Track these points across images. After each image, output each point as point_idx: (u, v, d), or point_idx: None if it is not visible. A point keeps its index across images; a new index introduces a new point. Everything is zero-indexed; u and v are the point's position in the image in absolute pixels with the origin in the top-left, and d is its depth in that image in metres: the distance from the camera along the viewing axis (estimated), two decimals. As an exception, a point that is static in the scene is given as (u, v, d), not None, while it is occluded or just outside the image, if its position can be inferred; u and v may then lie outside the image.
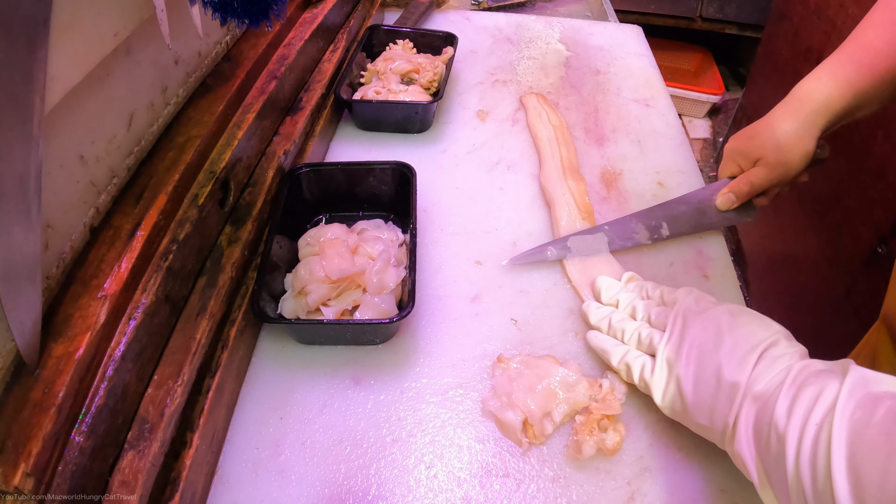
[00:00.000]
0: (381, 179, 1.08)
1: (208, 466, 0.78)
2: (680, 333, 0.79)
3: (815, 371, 0.65)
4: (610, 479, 0.79)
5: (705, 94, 3.45)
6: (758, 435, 0.66)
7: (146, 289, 0.74)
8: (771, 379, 0.67)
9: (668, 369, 0.79)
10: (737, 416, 0.69)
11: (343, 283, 0.91)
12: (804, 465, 0.57)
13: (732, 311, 0.78)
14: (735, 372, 0.70)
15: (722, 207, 1.07)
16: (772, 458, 0.62)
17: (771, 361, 0.69)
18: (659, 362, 0.79)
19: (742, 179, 1.04)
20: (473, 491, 0.78)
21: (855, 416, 0.56)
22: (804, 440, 0.58)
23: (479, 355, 0.92)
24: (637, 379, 0.83)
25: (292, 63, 1.17)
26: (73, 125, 0.72)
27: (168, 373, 0.75)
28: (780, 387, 0.65)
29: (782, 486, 0.61)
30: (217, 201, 0.90)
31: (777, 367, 0.68)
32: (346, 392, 0.88)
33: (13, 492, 0.56)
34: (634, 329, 0.86)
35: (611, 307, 0.93)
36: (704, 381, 0.73)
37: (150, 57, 0.87)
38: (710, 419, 0.73)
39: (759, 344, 0.71)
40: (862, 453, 0.53)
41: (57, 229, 0.70)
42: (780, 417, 0.62)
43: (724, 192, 1.06)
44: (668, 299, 0.87)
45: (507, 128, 1.36)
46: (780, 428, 0.61)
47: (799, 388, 0.63)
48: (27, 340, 0.60)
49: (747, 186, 1.03)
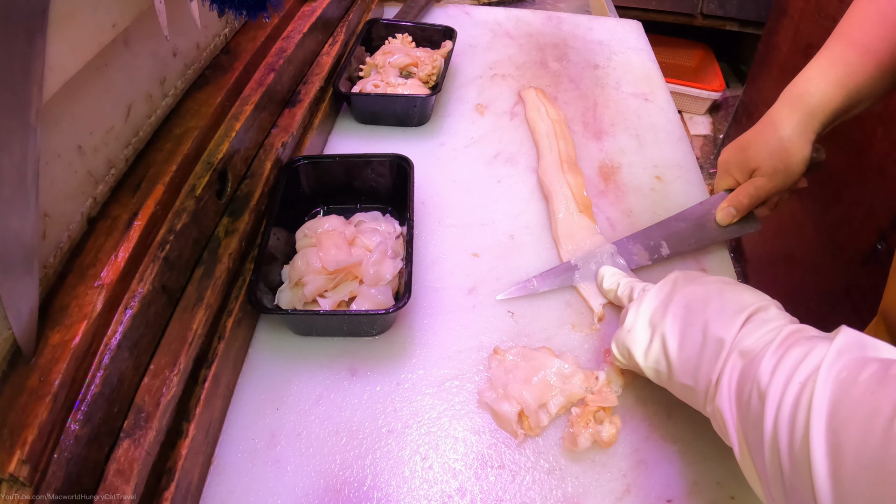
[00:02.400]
0: (379, 172, 1.08)
1: (204, 456, 0.79)
2: (668, 295, 0.78)
3: (807, 336, 0.63)
4: (605, 471, 0.80)
5: (706, 90, 3.45)
6: (740, 392, 0.64)
7: (143, 278, 0.74)
8: (760, 337, 0.66)
9: (650, 329, 0.77)
10: (721, 371, 0.67)
11: (340, 274, 0.91)
12: (782, 425, 0.55)
13: (724, 280, 0.78)
14: (722, 328, 0.69)
15: (723, 223, 1.04)
16: (751, 417, 0.60)
17: (760, 323, 0.68)
18: (641, 320, 0.79)
19: (741, 192, 1.01)
20: (469, 482, 0.78)
21: (840, 376, 0.54)
22: (785, 399, 0.56)
23: (476, 347, 0.92)
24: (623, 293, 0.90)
25: (291, 56, 1.17)
26: (71, 115, 0.72)
27: (164, 362, 0.75)
28: (769, 346, 0.63)
29: (759, 446, 0.59)
30: (214, 192, 0.90)
31: (766, 327, 0.67)
32: (343, 383, 0.88)
33: (8, 479, 0.56)
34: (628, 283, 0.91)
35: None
36: (690, 337, 0.72)
37: (148, 48, 0.87)
38: (694, 378, 0.71)
39: (748, 306, 0.70)
40: (844, 413, 0.51)
41: (54, 219, 0.70)
42: (764, 375, 0.60)
43: (724, 207, 1.03)
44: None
45: (505, 121, 1.36)
46: (762, 385, 0.59)
47: (788, 347, 0.61)
48: (24, 328, 0.61)
49: (747, 199, 1.00)
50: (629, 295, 0.90)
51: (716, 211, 1.04)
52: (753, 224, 1.04)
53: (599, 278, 0.98)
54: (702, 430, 0.82)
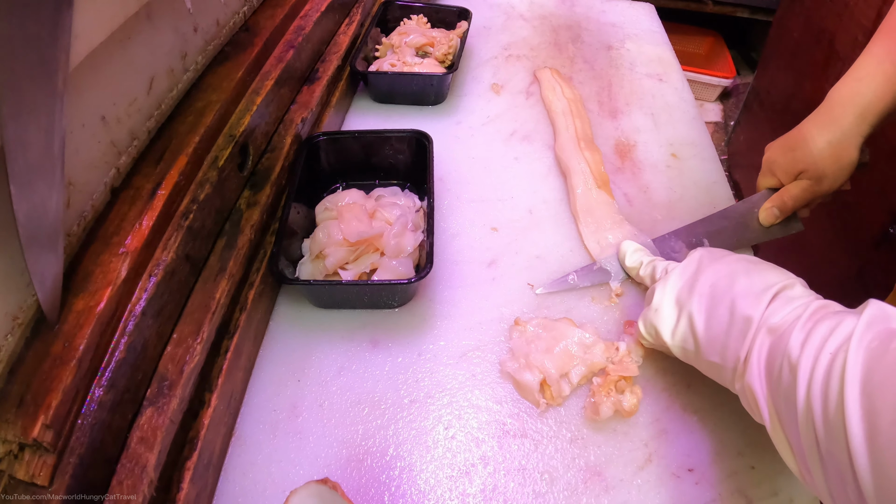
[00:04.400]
0: (398, 148, 1.08)
1: (226, 427, 0.79)
2: (694, 274, 0.79)
3: (835, 310, 0.63)
4: (627, 440, 0.80)
5: (716, 77, 3.43)
6: (770, 368, 0.64)
7: (167, 247, 0.75)
8: (787, 314, 0.66)
9: (677, 308, 0.78)
10: (749, 349, 0.67)
11: (361, 245, 0.91)
12: (815, 394, 0.55)
13: (749, 259, 0.78)
14: (749, 307, 0.69)
15: (765, 223, 1.00)
16: (783, 390, 0.61)
17: (786, 300, 0.68)
18: (668, 300, 0.79)
19: (785, 193, 0.97)
20: (491, 451, 0.79)
21: (871, 345, 0.54)
22: (817, 369, 0.56)
23: (497, 318, 0.93)
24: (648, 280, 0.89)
25: (309, 34, 1.17)
26: (96, 86, 0.72)
27: (188, 331, 0.75)
28: (797, 321, 0.63)
29: (792, 420, 0.59)
30: (236, 165, 0.91)
31: (793, 304, 0.67)
32: (364, 354, 0.88)
33: (32, 444, 0.56)
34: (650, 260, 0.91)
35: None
36: (717, 316, 0.72)
37: (170, 23, 0.87)
38: (721, 355, 0.71)
39: (774, 284, 0.70)
40: (877, 380, 0.51)
41: (78, 187, 0.70)
42: (794, 348, 0.60)
43: (767, 207, 0.99)
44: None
45: (521, 100, 1.36)
46: (792, 358, 0.60)
47: (816, 322, 0.61)
48: (48, 295, 0.61)
49: (791, 201, 0.96)
50: (652, 275, 0.90)
51: (758, 211, 1.01)
52: (796, 225, 1.01)
53: (621, 254, 0.98)
54: (722, 400, 0.83)
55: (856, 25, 1.85)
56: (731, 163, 2.90)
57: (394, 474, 0.77)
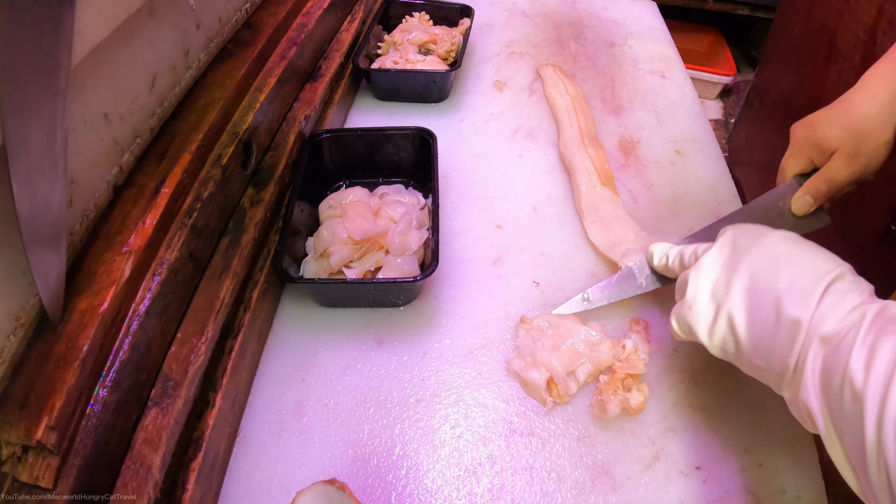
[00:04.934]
0: (401, 145, 1.08)
1: (231, 427, 0.79)
2: (729, 260, 0.71)
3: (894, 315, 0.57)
4: (634, 438, 0.80)
5: (717, 75, 3.43)
6: (826, 385, 0.58)
7: (170, 245, 0.74)
8: (842, 319, 0.59)
9: (714, 304, 0.70)
10: (800, 358, 0.61)
11: (366, 244, 0.91)
12: (889, 435, 0.49)
13: (789, 238, 0.71)
14: (797, 307, 0.62)
15: (799, 212, 0.91)
16: (845, 416, 0.55)
17: (838, 297, 0.61)
18: (703, 291, 0.72)
19: (818, 178, 0.88)
20: (499, 450, 0.78)
21: None
22: (888, 406, 0.50)
23: (502, 316, 0.92)
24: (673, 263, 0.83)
25: (312, 31, 1.17)
26: (98, 83, 0.72)
27: (192, 330, 0.75)
28: (855, 331, 0.56)
29: (857, 449, 0.53)
30: (240, 163, 0.90)
31: (846, 304, 0.60)
32: (369, 353, 0.88)
33: (36, 446, 0.56)
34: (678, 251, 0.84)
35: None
36: (761, 317, 0.65)
37: (172, 20, 0.87)
38: (767, 360, 0.65)
39: (823, 276, 0.63)
40: None
41: (81, 186, 0.70)
42: (857, 371, 0.54)
43: (800, 195, 0.90)
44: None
45: (524, 97, 1.36)
46: (856, 384, 0.53)
47: (877, 336, 0.55)
48: (51, 295, 0.60)
49: (825, 185, 0.88)
50: (682, 262, 0.82)
51: (791, 201, 0.92)
52: (823, 218, 0.93)
53: (648, 257, 0.91)
54: (728, 397, 0.83)
55: (857, 22, 1.84)
56: (731, 160, 2.90)
57: (400, 474, 0.76)
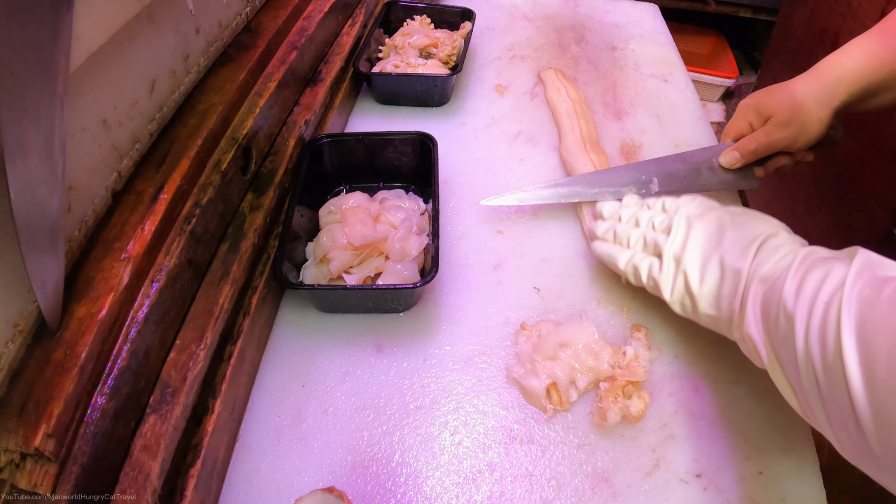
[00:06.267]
0: (402, 150, 1.08)
1: (230, 434, 0.78)
2: (685, 233, 0.82)
3: (822, 257, 0.67)
4: (635, 445, 0.79)
5: (719, 77, 3.42)
6: (766, 315, 0.68)
7: (169, 252, 0.74)
8: (776, 262, 0.70)
9: (675, 265, 0.82)
10: (743, 299, 0.72)
11: (365, 249, 0.90)
12: (813, 341, 0.59)
13: (733, 211, 0.83)
14: (737, 259, 0.74)
15: (725, 165, 1.04)
16: (780, 337, 0.65)
17: (773, 249, 0.73)
18: (666, 260, 0.82)
19: (749, 138, 1.01)
20: (498, 457, 0.78)
21: (863, 294, 0.57)
22: (813, 317, 0.60)
23: (502, 323, 0.92)
24: (645, 279, 0.85)
25: (312, 35, 1.16)
26: (97, 88, 0.72)
27: (191, 337, 0.75)
28: (787, 270, 0.67)
29: (792, 363, 0.63)
30: (239, 168, 0.90)
31: (780, 252, 0.71)
32: (369, 360, 0.87)
33: (34, 453, 0.56)
34: (639, 234, 0.89)
35: (614, 220, 0.95)
36: (709, 271, 0.77)
37: (171, 25, 0.86)
38: (717, 308, 0.76)
39: (759, 235, 0.75)
40: (871, 326, 0.54)
41: (79, 192, 0.70)
42: (789, 297, 0.64)
43: (730, 151, 1.03)
44: (670, 207, 0.89)
45: (525, 102, 1.36)
46: (788, 307, 0.64)
47: (806, 270, 0.65)
48: (49, 301, 0.60)
49: (753, 144, 1.00)
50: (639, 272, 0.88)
51: (719, 156, 1.05)
52: (751, 180, 1.04)
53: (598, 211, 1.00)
54: (729, 405, 0.82)
55: (859, 25, 1.83)
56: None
57: (399, 481, 0.76)
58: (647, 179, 1.04)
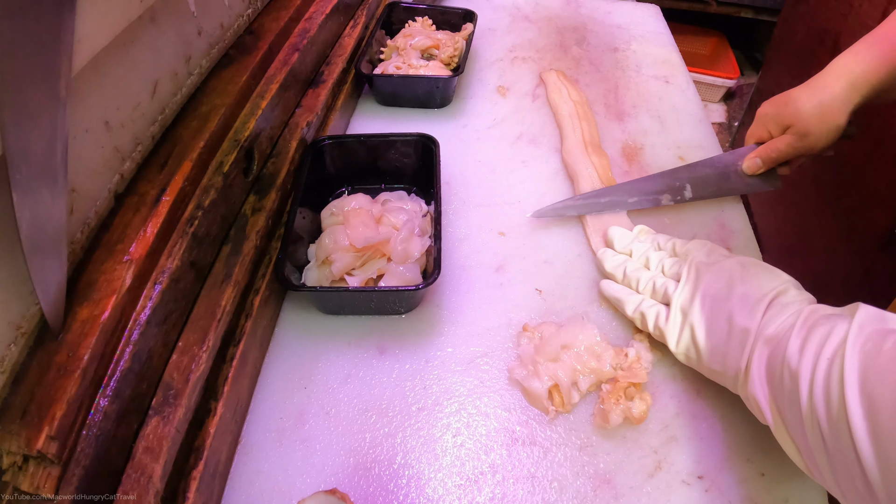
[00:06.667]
0: (404, 152, 1.07)
1: (232, 435, 0.78)
2: (693, 283, 0.82)
3: (825, 314, 0.67)
4: (637, 447, 0.79)
5: (720, 78, 3.43)
6: (770, 375, 0.68)
7: (172, 254, 0.74)
8: (782, 322, 0.70)
9: (682, 317, 0.81)
10: (749, 359, 0.72)
11: (368, 251, 0.90)
12: (818, 397, 0.59)
13: (743, 262, 0.81)
14: (746, 318, 0.73)
15: (748, 171, 1.07)
16: (785, 396, 0.65)
17: (781, 308, 0.72)
18: (674, 310, 0.82)
19: (770, 146, 1.04)
20: (500, 459, 0.78)
21: (865, 347, 0.58)
22: (817, 374, 0.60)
23: (505, 324, 0.92)
24: (652, 327, 0.84)
25: (314, 37, 1.16)
26: (99, 91, 0.72)
27: (193, 339, 0.75)
28: (791, 329, 0.67)
29: (796, 421, 0.63)
30: (241, 170, 0.90)
31: (787, 312, 0.71)
32: (371, 361, 0.87)
33: (36, 456, 0.56)
34: (649, 278, 0.88)
35: (625, 256, 0.95)
36: (717, 327, 0.76)
37: (173, 26, 0.86)
38: (722, 364, 0.75)
39: (769, 292, 0.75)
40: (874, 379, 0.55)
41: (81, 194, 0.69)
42: (793, 356, 0.64)
43: (752, 157, 1.06)
44: (681, 251, 0.89)
45: (527, 103, 1.35)
46: (792, 366, 0.64)
47: (810, 329, 0.65)
48: (52, 304, 0.60)
49: (775, 153, 1.03)
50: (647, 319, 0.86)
51: (743, 161, 1.08)
52: (774, 181, 1.08)
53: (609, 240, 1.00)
54: (731, 406, 0.82)
55: (861, 26, 1.83)
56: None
57: (402, 483, 0.76)
58: (681, 186, 1.08)
